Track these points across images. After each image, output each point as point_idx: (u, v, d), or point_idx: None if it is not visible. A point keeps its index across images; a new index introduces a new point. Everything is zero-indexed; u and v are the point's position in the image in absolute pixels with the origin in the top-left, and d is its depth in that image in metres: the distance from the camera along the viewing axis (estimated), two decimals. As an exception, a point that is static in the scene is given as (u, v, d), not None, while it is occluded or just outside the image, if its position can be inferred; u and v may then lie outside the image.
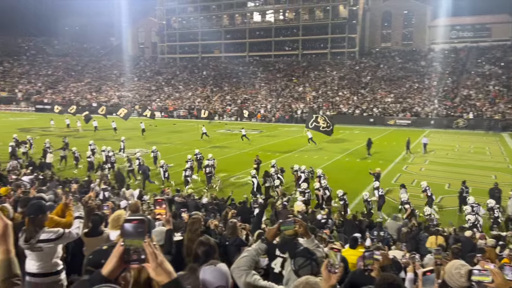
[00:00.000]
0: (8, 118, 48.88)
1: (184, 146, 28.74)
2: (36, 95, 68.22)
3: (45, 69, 78.53)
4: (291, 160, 23.35)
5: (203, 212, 11.96)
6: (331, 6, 63.95)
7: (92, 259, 1.96)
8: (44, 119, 41.49)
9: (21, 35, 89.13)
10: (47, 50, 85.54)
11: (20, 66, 78.90)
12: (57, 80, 75.02)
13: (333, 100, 52.02)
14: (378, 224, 11.53)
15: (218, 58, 72.34)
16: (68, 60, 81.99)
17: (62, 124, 39.58)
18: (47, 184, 13.18)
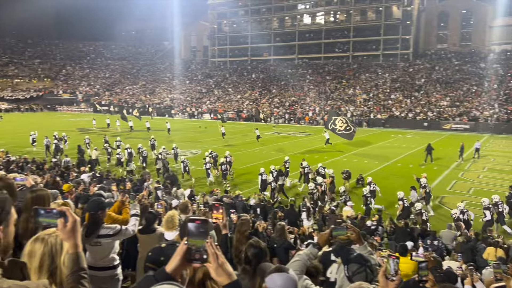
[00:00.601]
0: (69, 119, 51.89)
1: (233, 148, 29.10)
2: (95, 97, 72.01)
3: (103, 72, 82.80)
4: (340, 164, 22.95)
5: (251, 214, 12.06)
6: (384, 7, 62.30)
7: (151, 256, 2.02)
8: (102, 119, 43.66)
9: (82, 40, 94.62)
10: (105, 54, 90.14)
11: (81, 69, 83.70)
12: (114, 82, 78.86)
13: (384, 103, 50.56)
14: (432, 232, 11.04)
15: (267, 61, 72.73)
16: (124, 64, 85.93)
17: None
18: (103, 182, 13.85)
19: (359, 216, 12.39)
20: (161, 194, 13.61)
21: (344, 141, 33.84)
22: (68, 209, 1.85)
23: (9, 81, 74.09)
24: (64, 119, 51.73)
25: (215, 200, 13.82)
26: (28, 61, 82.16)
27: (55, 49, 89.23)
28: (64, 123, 44.22)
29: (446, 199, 16.71)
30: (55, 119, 44.71)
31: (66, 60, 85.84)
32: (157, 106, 64.16)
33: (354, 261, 2.40)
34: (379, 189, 15.80)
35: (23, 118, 52.63)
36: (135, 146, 23.42)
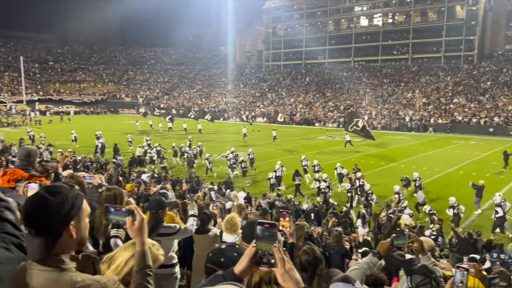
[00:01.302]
0: (129, 121, 54.43)
1: (285, 152, 29.05)
2: (154, 100, 75.07)
3: (163, 76, 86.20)
4: (398, 170, 22.13)
5: (303, 218, 11.94)
6: (446, 7, 59.44)
7: (211, 257, 2.05)
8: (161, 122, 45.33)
9: (143, 47, 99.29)
10: (164, 60, 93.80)
11: (142, 74, 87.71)
12: (172, 87, 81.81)
13: (446, 108, 48.11)
14: (499, 245, 10.31)
15: (321, 64, 71.96)
16: (182, 68, 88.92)
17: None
18: (161, 182, 14.36)
19: (418, 225, 11.85)
20: (215, 195, 13.85)
21: (400, 145, 32.68)
22: (136, 208, 1.91)
23: (76, 86, 79.29)
24: (125, 121, 54.33)
25: (268, 203, 13.85)
26: (94, 67, 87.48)
27: (119, 55, 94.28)
28: (125, 125, 46.46)
29: None
30: (117, 121, 47.19)
31: (128, 65, 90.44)
32: (212, 110, 65.60)
33: (418, 272, 2.28)
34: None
35: (88, 120, 56.03)
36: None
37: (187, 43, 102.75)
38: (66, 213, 1.58)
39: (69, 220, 1.60)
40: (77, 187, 1.69)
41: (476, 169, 22.91)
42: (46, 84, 77.36)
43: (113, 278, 1.63)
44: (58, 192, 1.60)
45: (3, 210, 1.51)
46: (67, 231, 1.59)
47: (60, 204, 1.57)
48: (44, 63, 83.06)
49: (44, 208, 1.54)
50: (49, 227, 1.55)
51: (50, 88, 76.25)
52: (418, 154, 28.84)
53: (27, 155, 4.37)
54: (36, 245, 1.55)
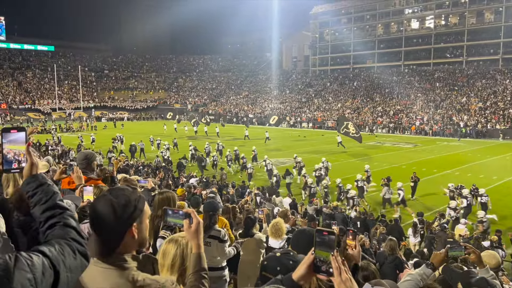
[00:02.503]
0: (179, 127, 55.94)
1: (331, 158, 28.65)
2: (203, 107, 76.81)
3: (210, 83, 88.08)
4: (452, 178, 21.14)
5: (351, 227, 11.70)
6: (504, 7, 56.24)
7: (267, 265, 2.07)
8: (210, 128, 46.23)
9: (192, 54, 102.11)
10: (212, 67, 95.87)
11: (191, 81, 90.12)
12: (220, 93, 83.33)
13: (505, 113, 45.37)
14: None
15: (370, 69, 70.39)
16: (229, 75, 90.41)
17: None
18: (209, 187, 14.63)
19: (474, 236, 11.24)
20: (260, 200, 13.90)
21: (454, 152, 31.29)
22: (193, 211, 1.98)
23: (129, 93, 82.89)
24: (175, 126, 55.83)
25: (315, 210, 13.70)
26: (146, 75, 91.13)
27: (169, 63, 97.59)
28: (173, 130, 47.77)
29: None
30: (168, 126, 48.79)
31: (178, 73, 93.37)
32: (258, 115, 66.09)
33: (477, 285, 2.17)
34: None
35: (139, 126, 58.23)
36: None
37: (234, 50, 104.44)
38: (129, 215, 1.68)
39: (132, 222, 1.69)
40: (139, 190, 1.79)
41: (539, 178, 21.41)
42: (101, 91, 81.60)
43: (171, 279, 1.70)
44: (122, 195, 1.70)
45: (68, 218, 1.63)
46: (129, 232, 1.68)
47: (124, 207, 1.67)
48: (100, 71, 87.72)
49: (110, 210, 1.65)
50: (113, 228, 1.65)
51: (105, 96, 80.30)
52: (474, 161, 27.41)
53: (84, 159, 4.63)
54: (101, 245, 1.65)
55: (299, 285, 1.57)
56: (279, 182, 19.48)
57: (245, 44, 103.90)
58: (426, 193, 17.00)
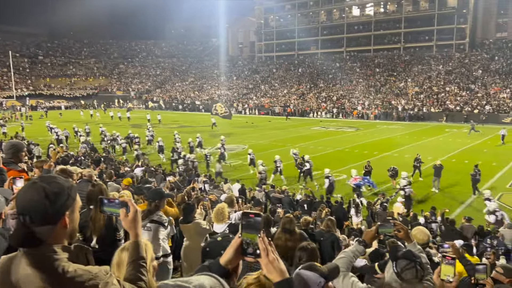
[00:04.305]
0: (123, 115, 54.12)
1: (279, 143, 29.11)
2: (146, 94, 74.68)
3: (154, 69, 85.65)
4: (391, 159, 22.28)
5: (299, 210, 12.01)
6: (438, -4, 59.40)
7: (209, 252, 2.06)
8: (153, 115, 45.13)
9: (134, 39, 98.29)
10: (156, 52, 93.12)
11: (133, 67, 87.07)
12: (164, 80, 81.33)
13: (438, 96, 48.34)
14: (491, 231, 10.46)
15: (314, 55, 71.80)
16: (174, 61, 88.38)
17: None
18: (155, 176, 14.34)
19: (411, 213, 11.98)
20: (208, 187, 13.87)
21: (393, 135, 32.92)
22: (130, 200, 1.92)
23: (67, 80, 78.54)
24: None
25: (264, 195, 13.88)
26: (84, 61, 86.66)
27: (109, 48, 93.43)
28: (118, 119, 46.14)
29: (505, 196, 15.74)
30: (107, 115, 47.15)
31: (119, 58, 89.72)
32: (206, 102, 65.53)
33: (403, 257, 2.31)
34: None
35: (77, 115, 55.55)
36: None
37: (179, 35, 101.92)
38: (62, 203, 1.59)
39: (65, 210, 1.61)
40: (70, 179, 1.71)
41: (468, 157, 23.12)
42: (36, 79, 76.52)
43: (105, 268, 1.64)
44: (54, 182, 1.61)
45: None
46: (62, 221, 1.60)
47: (57, 194, 1.58)
48: (34, 57, 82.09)
49: (42, 197, 1.55)
50: (45, 216, 1.55)
51: (41, 83, 75.45)
52: (411, 143, 29.03)
53: (10, 148, 4.34)
54: (29, 235, 1.55)
55: (227, 269, 1.57)
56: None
57: (190, 29, 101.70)
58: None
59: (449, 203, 14.83)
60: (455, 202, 15.32)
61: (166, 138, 27.00)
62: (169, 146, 24.45)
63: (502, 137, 28.12)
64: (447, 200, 15.24)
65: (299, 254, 3.19)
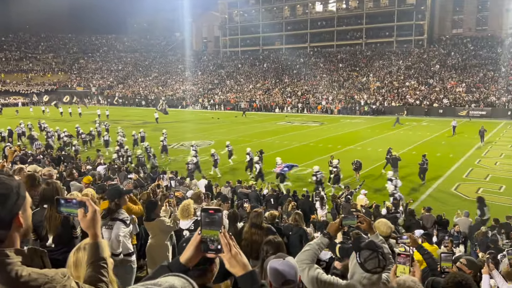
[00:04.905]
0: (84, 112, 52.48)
1: (246, 138, 29.16)
2: (108, 90, 72.68)
3: (116, 64, 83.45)
4: (355, 153, 22.80)
5: (264, 205, 12.09)
6: (397, -8, 61.04)
7: (184, 247, 2.03)
8: (117, 111, 44.11)
9: (94, 33, 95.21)
10: (117, 47, 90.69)
11: (94, 62, 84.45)
12: (127, 75, 79.39)
13: (399, 91, 49.88)
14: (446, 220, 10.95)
15: (279, 50, 72.16)
16: (137, 56, 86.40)
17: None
18: (118, 174, 14.01)
19: (373, 205, 12.33)
20: (175, 184, 13.72)
21: (356, 129, 33.68)
22: (88, 199, 1.87)
23: (24, 76, 75.16)
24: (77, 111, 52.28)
25: (230, 191, 13.86)
26: (42, 55, 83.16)
27: (68, 43, 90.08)
28: (77, 116, 44.70)
29: (461, 186, 16.49)
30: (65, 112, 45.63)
31: (79, 53, 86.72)
32: (169, 98, 64.66)
33: (366, 248, 2.38)
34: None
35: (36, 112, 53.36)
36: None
37: (141, 30, 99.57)
38: (13, 203, 1.52)
39: (17, 210, 1.54)
40: (16, 177, 1.63)
41: (427, 149, 24.01)
42: (-10, 74, 72.82)
43: (62, 271, 1.58)
44: (1, 183, 1.53)
45: None
46: (16, 221, 1.53)
47: (6, 195, 1.50)
48: (-14, 52, 78.04)
49: None
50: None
51: (-5, 79, 71.90)
52: (373, 136, 29.83)
53: None
54: None
55: (187, 267, 1.56)
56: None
57: (152, 23, 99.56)
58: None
59: (410, 194, 15.37)
60: (416, 193, 15.90)
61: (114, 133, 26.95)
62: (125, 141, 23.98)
63: (453, 128, 29.74)
64: (408, 191, 15.77)
65: (266, 248, 3.22)
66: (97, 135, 27.94)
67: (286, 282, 2.24)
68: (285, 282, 2.24)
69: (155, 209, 5.33)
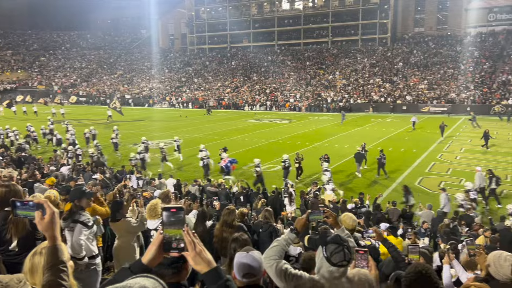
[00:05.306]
0: (45, 111, 50.66)
1: (215, 136, 29.04)
2: (72, 88, 70.43)
3: (80, 62, 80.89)
4: (322, 149, 23.13)
5: (234, 202, 12.08)
6: (362, -8, 62.34)
7: None
8: (79, 111, 42.88)
9: (56, 30, 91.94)
10: (81, 44, 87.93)
11: (56, 60, 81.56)
12: (91, 73, 77.17)
13: (364, 88, 51.01)
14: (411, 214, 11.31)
15: (246, 48, 72.17)
16: (101, 53, 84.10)
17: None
18: (83, 174, 13.62)
19: (340, 200, 12.56)
20: (142, 183, 13.50)
21: (324, 126, 34.18)
22: (46, 201, 1.81)
23: (-20, 74, 71.74)
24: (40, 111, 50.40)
25: (198, 189, 13.74)
26: (0, 53, 79.57)
27: (28, 40, 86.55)
28: (41, 115, 43.12)
29: (425, 180, 17.06)
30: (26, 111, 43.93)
31: (40, 50, 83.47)
32: (136, 96, 63.48)
33: (332, 242, 2.43)
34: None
35: None
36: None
37: (105, 27, 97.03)
38: None
39: None
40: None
41: (392, 145, 24.73)
42: None
43: (18, 276, 1.52)
44: None
45: None
46: None
47: None
48: None
49: None
50: None
51: None
52: (340, 133, 30.38)
53: None
54: None
55: (150, 268, 1.54)
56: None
57: (117, 20, 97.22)
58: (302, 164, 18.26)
59: (376, 188, 15.77)
60: (381, 187, 16.33)
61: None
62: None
63: (413, 124, 31.02)
64: (374, 186, 16.17)
65: (233, 245, 3.22)
66: (48, 134, 27.29)
67: (247, 275, 2.29)
68: (246, 275, 2.29)
69: (121, 209, 5.22)
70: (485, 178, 14.41)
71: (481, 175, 14.43)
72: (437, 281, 2.36)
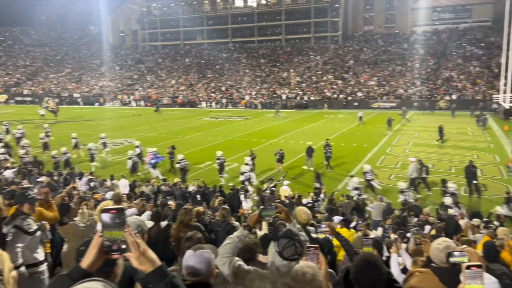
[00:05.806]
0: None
1: (170, 135, 28.56)
2: (15, 87, 66.60)
3: (23, 59, 76.55)
4: (278, 146, 23.36)
5: (190, 202, 11.95)
6: (313, -10, 63.48)
7: (83, 250, 1.92)
8: (25, 111, 40.69)
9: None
10: (24, 40, 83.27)
11: (-3, 57, 76.74)
12: (36, 71, 73.31)
13: (317, 85, 52.07)
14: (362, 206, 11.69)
15: (200, 45, 71.45)
16: (46, 50, 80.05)
17: None
18: (28, 177, 12.95)
19: (296, 195, 12.76)
20: (94, 185, 13.05)
21: (279, 123, 34.57)
22: None
23: None
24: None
25: (152, 190, 13.47)
26: None
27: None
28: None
29: (376, 173, 17.67)
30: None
31: (-22, 47, 78.22)
32: (85, 95, 61.12)
33: (284, 236, 2.46)
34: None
35: None
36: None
37: (50, 22, 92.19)
38: None
39: None
40: None
41: (345, 140, 25.45)
42: None
43: None
44: None
45: None
46: None
47: None
48: None
49: None
50: None
51: None
52: (295, 129, 30.85)
53: None
54: None
55: (90, 272, 1.49)
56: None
57: (63, 16, 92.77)
58: (258, 161, 18.37)
59: (328, 182, 16.16)
60: (334, 181, 16.77)
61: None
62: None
63: (360, 118, 32.65)
64: (327, 180, 16.55)
65: (187, 244, 3.19)
66: None
67: (190, 274, 2.28)
68: (190, 273, 2.28)
69: (68, 212, 5.02)
70: (417, 168, 15.53)
71: (415, 166, 15.44)
72: (382, 268, 2.44)
